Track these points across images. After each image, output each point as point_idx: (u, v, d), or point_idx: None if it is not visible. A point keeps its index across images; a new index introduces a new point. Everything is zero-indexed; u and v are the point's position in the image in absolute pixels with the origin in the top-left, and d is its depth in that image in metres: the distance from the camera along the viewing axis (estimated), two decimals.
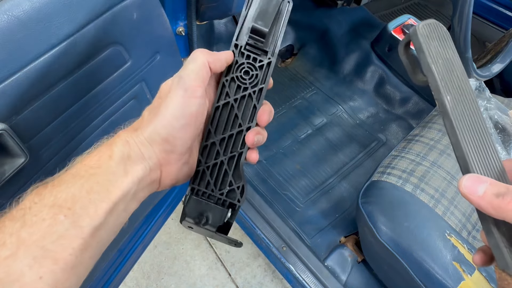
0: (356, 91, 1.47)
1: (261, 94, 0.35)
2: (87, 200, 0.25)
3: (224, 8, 0.69)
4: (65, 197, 0.25)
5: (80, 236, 0.24)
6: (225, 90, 0.35)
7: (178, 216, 1.42)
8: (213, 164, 0.35)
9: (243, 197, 0.35)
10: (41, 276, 0.22)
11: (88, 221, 0.25)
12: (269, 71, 0.35)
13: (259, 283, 1.29)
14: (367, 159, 1.30)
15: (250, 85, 0.35)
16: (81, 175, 0.26)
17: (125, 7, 0.46)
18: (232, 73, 0.35)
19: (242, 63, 0.35)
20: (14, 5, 0.35)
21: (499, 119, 0.99)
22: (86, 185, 0.26)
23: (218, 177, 0.36)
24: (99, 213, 0.25)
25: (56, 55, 0.40)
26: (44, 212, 0.24)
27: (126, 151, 0.28)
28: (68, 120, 0.45)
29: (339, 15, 1.57)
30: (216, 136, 0.35)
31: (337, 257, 1.05)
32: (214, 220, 0.35)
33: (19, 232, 0.23)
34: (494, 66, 0.83)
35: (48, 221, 0.24)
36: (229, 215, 0.36)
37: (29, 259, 0.22)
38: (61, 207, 0.24)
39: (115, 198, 0.26)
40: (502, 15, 1.34)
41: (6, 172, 0.38)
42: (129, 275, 1.26)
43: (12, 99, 0.37)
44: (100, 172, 0.27)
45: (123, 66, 0.51)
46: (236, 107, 0.35)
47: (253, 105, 0.35)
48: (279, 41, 0.35)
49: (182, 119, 0.29)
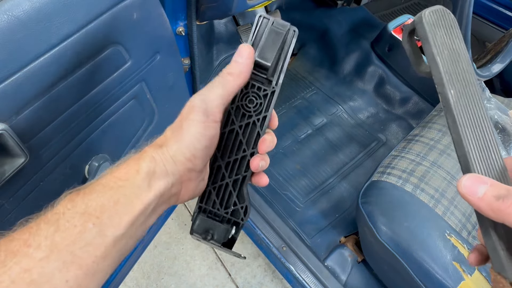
0: (356, 91, 1.47)
1: (265, 122, 0.36)
2: (114, 211, 0.27)
3: (224, 8, 0.69)
4: (95, 206, 0.27)
5: (103, 244, 0.26)
6: (231, 118, 0.37)
7: (178, 216, 1.42)
8: (219, 186, 0.38)
9: (246, 216, 0.38)
10: (67, 280, 0.24)
11: (112, 230, 0.27)
12: (273, 99, 0.36)
13: (259, 283, 1.29)
14: (367, 159, 1.30)
15: (255, 113, 0.36)
16: (110, 186, 0.28)
17: (125, 7, 0.46)
18: (238, 101, 0.36)
19: (247, 92, 0.36)
20: (14, 5, 0.35)
21: (499, 119, 0.99)
22: (114, 196, 0.28)
23: (224, 197, 0.38)
24: (122, 224, 0.27)
25: (56, 55, 0.40)
26: (76, 218, 0.26)
27: (152, 167, 0.30)
28: (68, 120, 0.45)
29: (339, 15, 1.57)
30: (222, 160, 0.37)
31: (337, 257, 1.05)
32: (219, 237, 0.38)
33: (53, 236, 0.25)
34: (494, 66, 0.83)
35: (79, 227, 0.25)
36: (233, 232, 0.38)
37: (60, 262, 0.24)
38: (90, 215, 0.26)
39: (137, 211, 0.28)
40: (502, 15, 1.34)
41: (6, 172, 0.38)
42: (129, 275, 1.26)
43: (12, 99, 0.37)
44: (127, 185, 0.28)
45: (123, 66, 0.51)
46: (241, 133, 0.37)
47: (257, 132, 0.37)
48: (284, 70, 0.36)
49: (203, 142, 0.32)
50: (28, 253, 0.24)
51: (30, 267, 0.23)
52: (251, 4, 0.74)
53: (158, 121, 0.65)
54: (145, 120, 0.63)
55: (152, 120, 0.64)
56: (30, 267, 0.23)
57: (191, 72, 0.84)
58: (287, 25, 0.36)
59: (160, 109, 0.64)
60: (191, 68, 0.83)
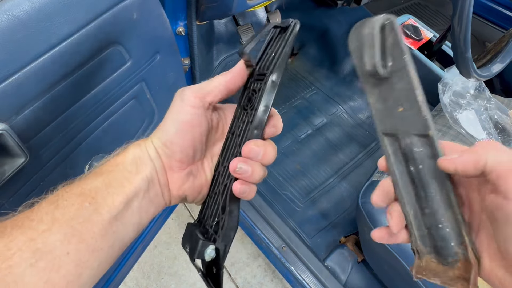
0: (356, 91, 1.47)
1: (255, 117, 0.32)
2: (106, 193, 0.29)
3: (224, 8, 0.69)
4: (90, 188, 0.29)
5: (100, 222, 0.28)
6: (234, 120, 0.35)
7: (178, 216, 1.42)
8: (215, 194, 0.35)
9: (222, 231, 0.32)
10: (68, 252, 0.26)
11: (107, 209, 0.28)
12: (264, 92, 0.32)
13: (259, 283, 1.29)
14: (367, 159, 1.30)
15: (250, 109, 0.34)
16: (102, 172, 0.30)
17: (125, 7, 0.46)
18: (242, 102, 0.35)
19: (248, 92, 0.35)
20: (14, 5, 0.35)
21: (499, 119, 0.99)
22: (106, 180, 0.30)
23: (213, 208, 0.34)
24: (116, 204, 0.29)
25: (56, 55, 0.40)
26: (73, 198, 0.28)
27: (137, 153, 0.32)
28: (68, 120, 0.45)
29: (339, 15, 1.57)
30: (222, 164, 0.35)
31: (337, 257, 1.05)
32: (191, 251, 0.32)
33: (54, 212, 0.27)
34: (494, 66, 0.83)
35: (76, 206, 0.27)
36: (209, 252, 0.31)
37: (61, 234, 0.26)
38: (86, 196, 0.28)
39: (128, 192, 0.30)
40: (502, 15, 1.34)
41: (6, 172, 0.38)
42: (129, 275, 1.26)
43: (12, 99, 0.37)
44: (117, 169, 0.31)
45: (123, 66, 0.51)
46: (238, 134, 0.34)
47: (247, 129, 0.33)
48: (278, 62, 0.33)
49: (176, 125, 0.32)
50: (31, 226, 0.25)
51: (34, 237, 0.25)
52: (251, 4, 0.74)
53: (158, 121, 0.65)
54: (145, 120, 0.63)
55: (152, 120, 0.64)
56: (34, 237, 0.25)
57: (191, 72, 0.84)
58: (289, 20, 0.34)
59: (160, 109, 0.64)
60: (191, 68, 0.83)
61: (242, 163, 0.31)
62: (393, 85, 0.29)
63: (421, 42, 1.30)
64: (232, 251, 1.35)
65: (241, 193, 0.32)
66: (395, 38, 0.28)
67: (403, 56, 0.28)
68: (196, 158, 0.34)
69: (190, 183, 0.34)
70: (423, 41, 1.30)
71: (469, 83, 1.01)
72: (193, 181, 0.35)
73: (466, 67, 0.76)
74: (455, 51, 0.74)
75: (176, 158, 0.33)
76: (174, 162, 0.33)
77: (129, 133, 0.60)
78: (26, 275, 0.23)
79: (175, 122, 0.32)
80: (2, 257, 0.23)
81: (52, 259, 0.25)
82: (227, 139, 0.35)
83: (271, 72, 0.33)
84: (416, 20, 1.37)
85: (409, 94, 0.28)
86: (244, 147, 0.32)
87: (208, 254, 0.31)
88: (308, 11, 1.58)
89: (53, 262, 0.25)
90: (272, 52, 0.34)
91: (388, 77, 0.29)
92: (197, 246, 0.31)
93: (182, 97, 0.33)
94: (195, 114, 0.32)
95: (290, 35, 0.33)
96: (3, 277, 0.23)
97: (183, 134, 0.32)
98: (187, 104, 0.32)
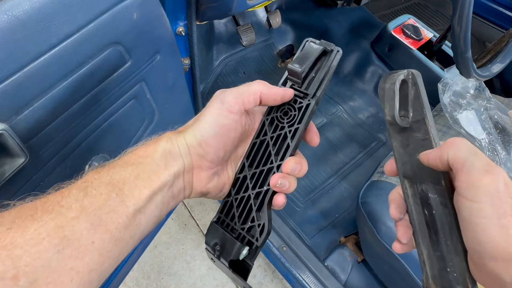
0: (356, 91, 1.47)
1: (296, 134, 0.35)
2: (134, 185, 0.30)
3: (224, 8, 0.69)
4: (118, 179, 0.29)
5: (125, 214, 0.28)
6: (264, 128, 0.37)
7: (178, 216, 1.42)
8: (241, 197, 0.36)
9: (262, 236, 0.34)
10: (93, 241, 0.26)
11: (133, 201, 0.29)
12: (307, 112, 0.35)
13: (259, 283, 1.29)
14: (367, 159, 1.30)
15: (287, 124, 0.36)
16: (131, 162, 0.31)
17: (125, 7, 0.46)
18: (273, 113, 0.37)
19: (283, 105, 0.36)
20: (14, 5, 0.35)
21: (499, 119, 0.99)
22: (135, 171, 0.30)
23: (243, 211, 0.35)
24: (142, 197, 0.29)
25: (56, 55, 0.40)
26: (102, 188, 0.28)
27: (168, 147, 0.32)
28: (68, 120, 0.45)
29: (339, 15, 1.57)
30: (249, 170, 0.36)
31: (337, 257, 1.05)
32: (226, 253, 0.34)
33: (82, 200, 0.27)
34: (494, 66, 0.83)
35: (104, 196, 0.28)
36: (244, 253, 0.34)
37: (88, 223, 0.26)
38: (114, 186, 0.29)
39: (155, 186, 0.30)
40: (502, 15, 1.34)
41: (6, 172, 0.38)
42: (129, 275, 1.26)
43: (12, 99, 0.37)
44: (146, 162, 0.31)
45: (123, 66, 0.51)
46: (271, 144, 0.36)
47: (286, 144, 0.35)
48: (323, 85, 0.36)
49: (215, 128, 0.33)
50: (61, 212, 0.26)
51: (63, 224, 0.25)
52: (251, 4, 0.74)
53: (158, 121, 0.65)
54: (145, 120, 0.63)
55: (152, 120, 0.64)
56: (63, 224, 0.25)
57: (191, 72, 0.84)
58: (332, 44, 0.37)
59: (160, 109, 0.64)
60: (191, 68, 0.83)
61: (282, 179, 0.34)
62: (413, 134, 0.32)
63: (421, 42, 1.30)
64: None
65: (283, 205, 0.35)
66: (416, 92, 0.31)
67: (423, 109, 0.31)
68: (224, 159, 0.36)
69: (215, 182, 0.36)
70: (423, 41, 1.30)
71: (469, 83, 1.01)
72: (217, 180, 0.36)
73: (466, 67, 0.76)
74: (455, 51, 0.74)
75: (207, 159, 0.34)
76: (205, 162, 0.34)
77: (129, 133, 0.60)
78: (53, 260, 0.24)
79: (214, 125, 0.33)
80: (33, 242, 0.24)
81: (78, 247, 0.25)
82: (254, 144, 0.37)
83: (315, 96, 0.35)
84: (416, 20, 1.37)
85: (426, 144, 0.31)
86: (286, 164, 0.34)
87: (243, 254, 0.34)
88: (308, 11, 1.58)
89: (79, 250, 0.25)
90: (314, 73, 0.36)
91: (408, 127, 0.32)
92: (234, 248, 0.34)
93: (222, 100, 0.33)
94: (233, 120, 0.34)
95: (334, 60, 0.36)
96: (32, 261, 0.23)
97: (219, 137, 0.33)
98: (226, 108, 0.33)
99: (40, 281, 0.23)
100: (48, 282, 0.24)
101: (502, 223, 0.24)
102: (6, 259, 0.23)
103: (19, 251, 0.23)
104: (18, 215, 0.25)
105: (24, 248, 0.23)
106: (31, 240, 0.24)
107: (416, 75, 0.32)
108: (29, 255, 0.23)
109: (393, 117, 0.32)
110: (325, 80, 0.36)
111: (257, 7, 0.80)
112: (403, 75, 0.32)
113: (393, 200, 0.34)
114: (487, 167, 0.26)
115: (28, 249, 0.24)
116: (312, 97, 0.35)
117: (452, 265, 0.29)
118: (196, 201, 1.47)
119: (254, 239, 0.34)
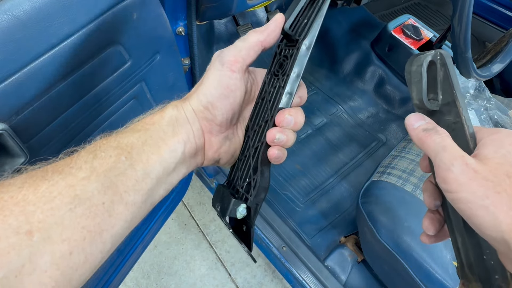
0: (356, 91, 1.47)
1: (287, 82, 0.33)
2: (141, 150, 0.30)
3: (224, 8, 0.69)
4: (126, 143, 0.29)
5: (134, 177, 0.28)
6: (265, 85, 0.36)
7: (178, 216, 1.42)
8: (244, 157, 0.36)
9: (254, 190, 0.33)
10: (103, 202, 0.26)
11: (141, 166, 0.29)
12: (298, 57, 0.33)
13: (259, 283, 1.29)
14: (367, 159, 1.30)
15: (281, 74, 0.34)
16: (138, 129, 0.31)
17: (125, 7, 0.46)
18: (272, 68, 0.36)
19: (279, 58, 0.35)
20: (14, 5, 0.35)
21: (499, 119, 0.99)
22: (142, 137, 0.30)
23: (244, 170, 0.35)
24: (150, 162, 0.29)
25: (56, 55, 0.40)
26: (110, 151, 0.28)
27: (174, 114, 0.32)
28: (68, 120, 0.45)
29: (339, 15, 1.57)
30: (252, 129, 0.36)
31: (337, 257, 1.05)
32: (222, 209, 0.34)
33: (92, 162, 0.27)
34: (494, 66, 0.83)
35: (113, 158, 0.28)
36: (241, 210, 0.33)
37: (99, 184, 0.26)
38: (122, 149, 0.29)
39: (163, 152, 0.30)
40: (502, 15, 1.34)
41: (6, 172, 0.38)
42: (129, 275, 1.26)
43: (12, 99, 0.37)
44: (153, 128, 0.31)
45: (123, 66, 0.51)
46: (268, 99, 0.35)
47: (279, 95, 0.34)
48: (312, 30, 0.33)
49: (219, 89, 0.32)
50: (71, 172, 0.26)
51: (74, 183, 0.26)
52: (251, 4, 0.74)
53: None
54: None
55: None
56: (74, 183, 0.26)
57: (191, 72, 0.84)
58: None
59: None
60: (191, 68, 0.83)
61: (279, 133, 0.33)
62: (443, 117, 0.30)
63: (421, 42, 1.30)
64: (232, 251, 1.35)
65: (277, 158, 0.33)
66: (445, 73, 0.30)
67: (453, 91, 0.29)
68: (233, 122, 0.35)
69: (226, 147, 0.36)
70: (423, 41, 1.30)
71: (469, 83, 1.01)
72: (229, 144, 0.36)
73: (466, 67, 0.76)
74: (455, 51, 0.74)
75: (216, 122, 0.33)
76: (215, 125, 0.33)
77: None
78: (66, 218, 0.24)
79: (218, 86, 0.32)
80: (45, 199, 0.24)
81: (89, 207, 0.25)
82: (256, 104, 0.36)
83: (303, 38, 0.33)
84: (416, 20, 1.37)
85: (457, 128, 0.29)
86: (278, 116, 0.33)
87: (240, 212, 0.33)
88: None
89: (90, 209, 0.25)
90: (304, 18, 0.35)
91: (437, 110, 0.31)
92: (229, 205, 0.33)
93: (221, 60, 0.33)
94: (235, 79, 0.33)
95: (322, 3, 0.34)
96: (45, 218, 0.23)
97: (225, 98, 0.32)
98: (227, 67, 0.32)
99: (54, 238, 0.23)
100: (62, 239, 0.24)
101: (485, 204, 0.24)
102: (20, 214, 0.23)
103: (32, 207, 0.23)
104: (29, 176, 0.25)
105: (37, 205, 0.23)
106: (43, 197, 0.24)
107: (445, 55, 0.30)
108: (41, 211, 0.23)
109: (421, 101, 0.30)
110: (314, 24, 0.34)
111: (257, 7, 0.80)
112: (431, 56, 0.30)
113: (426, 190, 0.33)
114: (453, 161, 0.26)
115: (40, 205, 0.24)
116: (302, 41, 0.33)
117: (489, 252, 0.27)
118: (196, 201, 1.47)
119: (249, 195, 0.34)
